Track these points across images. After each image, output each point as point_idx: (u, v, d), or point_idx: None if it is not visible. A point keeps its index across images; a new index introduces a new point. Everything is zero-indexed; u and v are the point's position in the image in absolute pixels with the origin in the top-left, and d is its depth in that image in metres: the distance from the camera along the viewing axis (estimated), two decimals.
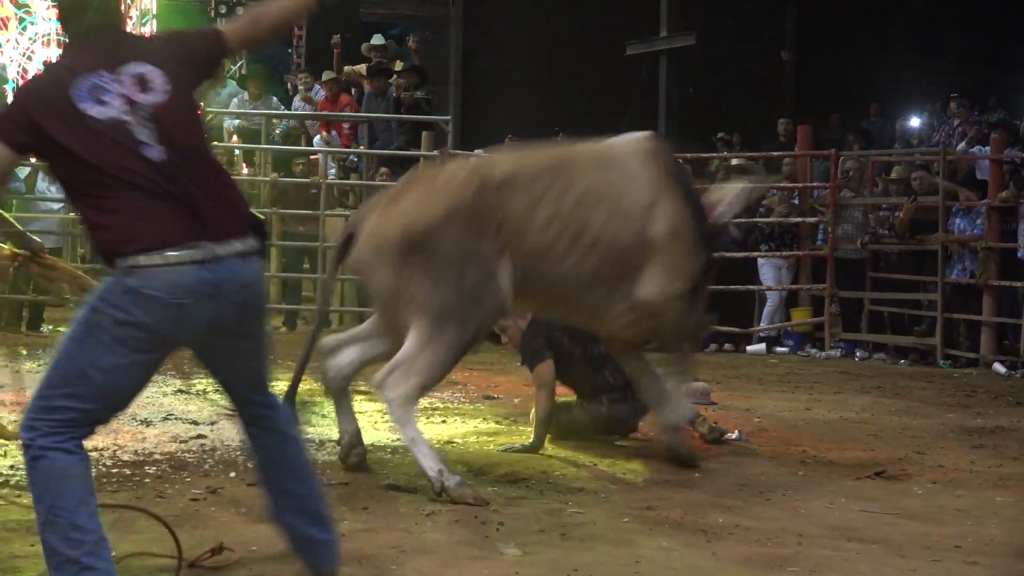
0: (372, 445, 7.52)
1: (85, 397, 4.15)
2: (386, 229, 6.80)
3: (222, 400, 4.80)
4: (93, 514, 4.15)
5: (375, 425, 8.25)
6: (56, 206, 14.72)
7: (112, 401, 4.26)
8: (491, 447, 7.79)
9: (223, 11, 21.22)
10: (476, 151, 15.61)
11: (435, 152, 14.84)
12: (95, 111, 4.16)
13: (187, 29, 4.65)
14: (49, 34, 19.66)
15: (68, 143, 4.13)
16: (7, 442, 7.15)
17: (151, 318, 4.12)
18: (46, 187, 14.93)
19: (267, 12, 4.57)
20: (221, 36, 4.49)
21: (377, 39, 17.95)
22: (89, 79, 4.18)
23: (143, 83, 4.22)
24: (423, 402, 9.36)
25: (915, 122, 19.78)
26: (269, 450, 4.59)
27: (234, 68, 20.32)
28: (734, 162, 15.96)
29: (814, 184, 15.56)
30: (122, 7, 4.49)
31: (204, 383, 8.88)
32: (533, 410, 7.81)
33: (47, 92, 4.23)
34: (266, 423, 4.58)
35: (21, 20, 19.60)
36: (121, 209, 4.15)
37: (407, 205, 6.88)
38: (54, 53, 19.37)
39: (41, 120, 4.15)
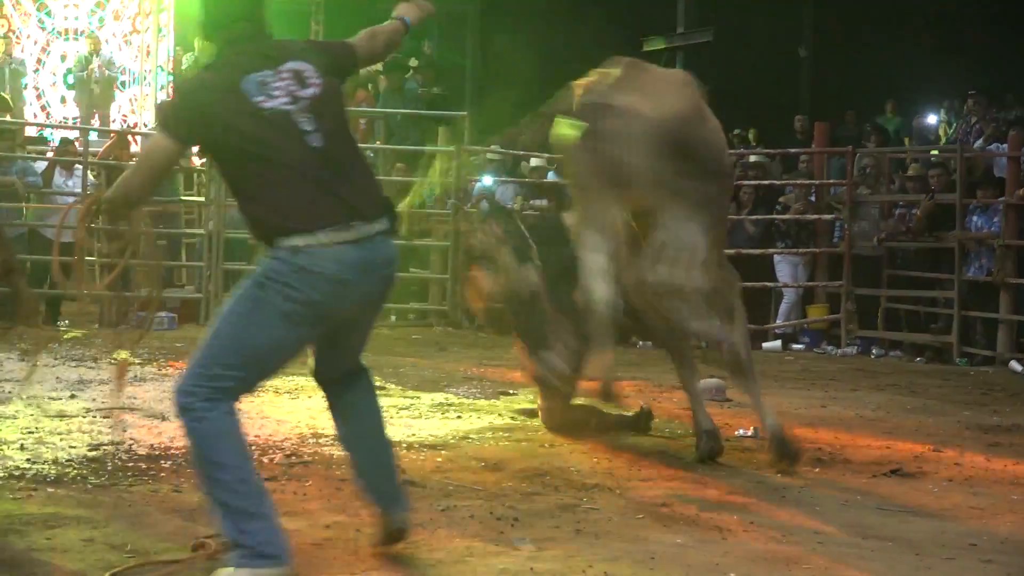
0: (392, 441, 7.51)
1: (245, 367, 4.58)
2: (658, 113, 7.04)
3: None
4: (254, 468, 4.65)
5: (390, 420, 8.24)
6: (72, 199, 14.73)
7: (266, 373, 4.74)
8: (506, 443, 7.79)
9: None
10: (492, 146, 15.65)
11: (451, 148, 14.84)
12: (265, 103, 4.59)
13: (325, 40, 5.10)
14: (66, 30, 19.74)
15: (240, 131, 4.55)
16: (23, 434, 7.19)
17: (318, 294, 4.55)
18: (63, 182, 14.97)
19: (381, 30, 5.25)
20: (353, 48, 5.08)
21: None
22: (255, 76, 4.62)
23: (300, 78, 4.69)
24: (439, 397, 9.40)
25: (932, 119, 19.75)
26: (359, 409, 5.13)
27: None
28: (752, 159, 15.95)
29: (831, 181, 15.54)
30: (267, 17, 4.93)
31: None
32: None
33: (214, 86, 4.66)
34: (361, 384, 5.13)
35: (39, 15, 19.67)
36: (287, 193, 4.57)
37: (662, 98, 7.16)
38: (70, 47, 19.47)
39: (212, 111, 4.59)
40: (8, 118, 16.31)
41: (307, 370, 5.12)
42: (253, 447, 7.15)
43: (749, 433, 8.24)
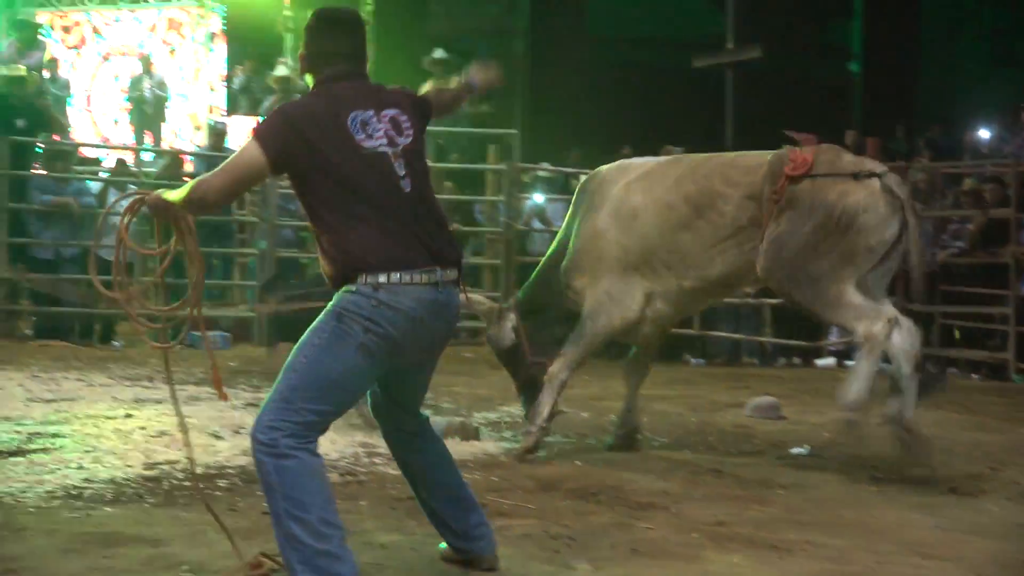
0: None
1: (325, 400, 4.65)
2: None
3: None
4: (336, 510, 4.62)
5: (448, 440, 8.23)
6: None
7: (344, 406, 4.83)
8: (559, 462, 7.77)
9: (291, 26, 21.28)
10: (543, 164, 15.67)
11: (502, 166, 14.85)
12: (366, 142, 4.76)
13: (409, 89, 5.24)
14: (110, 53, 19.93)
15: (338, 164, 4.69)
16: (81, 453, 7.24)
17: (396, 329, 4.67)
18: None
19: (448, 91, 5.56)
20: (430, 104, 5.28)
21: (439, 53, 17.97)
22: (359, 114, 4.79)
23: (398, 125, 4.86)
24: (492, 416, 9.40)
25: (985, 133, 19.61)
26: (427, 454, 5.25)
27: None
28: None
29: None
30: (367, 58, 5.08)
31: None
32: None
33: (320, 115, 4.77)
34: (425, 431, 5.26)
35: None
36: (375, 231, 4.70)
37: None
38: (116, 68, 19.65)
39: (313, 139, 4.70)
40: (61, 139, 16.46)
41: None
42: None
43: (804, 451, 8.19)
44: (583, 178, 9.00)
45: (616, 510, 6.50)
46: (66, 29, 20.45)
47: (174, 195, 4.90)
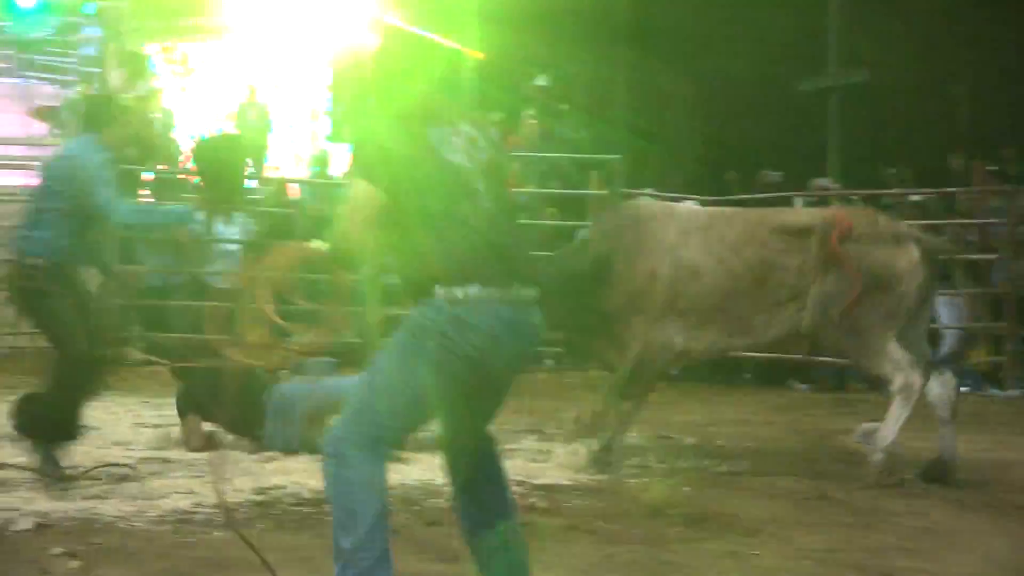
0: (549, 486, 7.54)
1: (397, 417, 4.51)
2: None
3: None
4: (387, 527, 4.49)
5: (554, 468, 8.22)
6: (233, 247, 14.97)
7: (415, 424, 4.69)
8: (666, 488, 7.72)
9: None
10: (646, 190, 15.62)
11: (605, 192, 14.83)
12: (449, 155, 4.64)
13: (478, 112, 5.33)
14: (216, 83, 20.25)
15: (422, 179, 4.56)
16: (190, 479, 7.31)
17: (471, 347, 4.47)
18: (223, 229, 15.21)
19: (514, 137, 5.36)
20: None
21: (541, 80, 18.01)
22: (439, 128, 4.67)
23: (474, 142, 4.73)
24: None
25: None
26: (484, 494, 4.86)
27: None
28: (913, 198, 15.71)
29: (991, 220, 15.23)
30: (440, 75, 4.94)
31: None
32: None
33: (405, 132, 4.64)
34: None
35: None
36: (454, 245, 4.54)
37: None
38: (221, 97, 19.95)
39: (398, 154, 4.57)
40: (170, 168, 16.69)
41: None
42: (415, 490, 7.22)
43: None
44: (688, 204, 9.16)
45: (725, 537, 6.46)
46: (173, 60, 20.77)
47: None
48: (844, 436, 10.10)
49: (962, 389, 13.92)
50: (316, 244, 4.82)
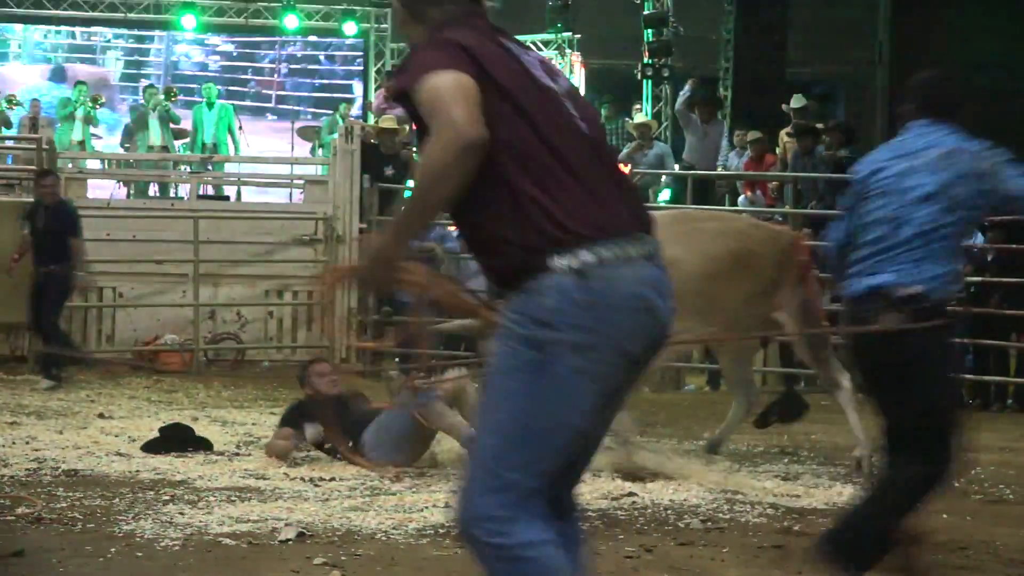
0: (803, 508, 7.44)
1: (547, 458, 3.36)
2: None
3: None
4: None
5: (807, 491, 8.10)
6: None
7: (579, 454, 3.52)
8: (926, 514, 7.54)
9: (649, 73, 21.54)
10: None
11: None
12: (532, 68, 3.50)
13: None
14: None
15: (517, 92, 3.39)
16: (447, 493, 7.42)
17: (619, 331, 3.34)
18: None
19: None
20: None
21: (796, 100, 17.82)
22: (513, 46, 3.54)
23: (551, 70, 3.59)
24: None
25: None
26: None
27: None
28: None
29: None
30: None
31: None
32: None
33: (480, 38, 3.47)
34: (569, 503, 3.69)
35: None
36: (568, 186, 3.37)
37: None
38: None
39: (485, 61, 3.39)
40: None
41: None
42: (668, 511, 7.21)
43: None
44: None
45: (986, 568, 6.29)
46: None
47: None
48: None
49: None
50: None
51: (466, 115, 3.22)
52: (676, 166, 17.57)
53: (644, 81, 21.69)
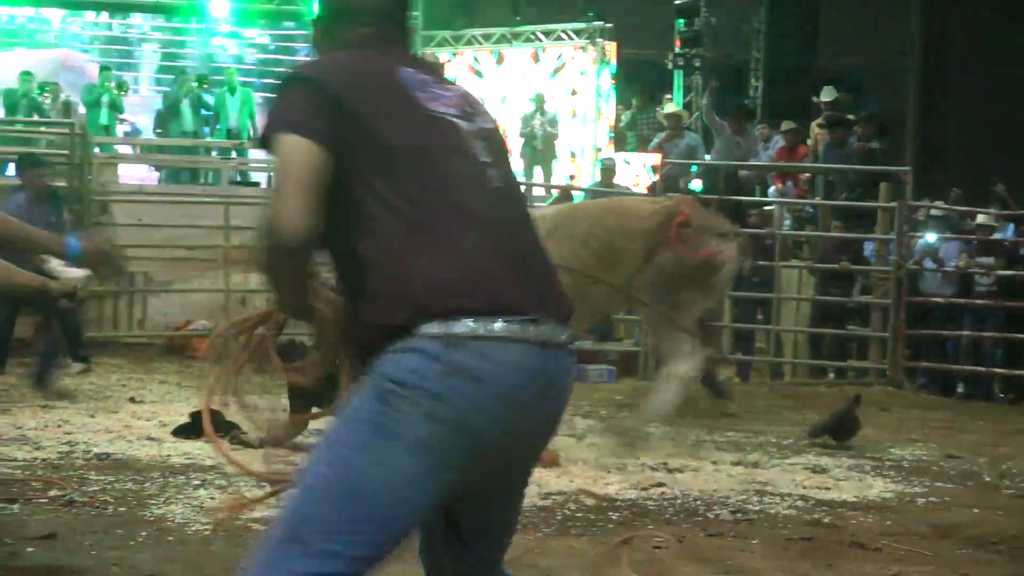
0: (833, 501, 7.44)
1: (366, 535, 2.87)
2: None
3: None
4: None
5: (838, 482, 8.10)
6: None
7: (393, 542, 2.94)
8: (956, 508, 7.53)
9: (680, 63, 21.52)
10: (936, 202, 15.26)
11: (894, 204, 14.54)
12: (431, 103, 3.11)
13: None
14: (503, 92, 20.54)
15: (390, 132, 3.02)
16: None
17: (480, 416, 2.91)
18: None
19: None
20: None
21: (827, 93, 17.77)
22: (414, 74, 3.16)
23: (469, 101, 3.24)
24: (884, 458, 9.18)
25: None
26: None
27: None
28: None
29: None
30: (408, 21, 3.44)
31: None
32: None
33: (360, 68, 3.16)
34: None
35: None
36: (452, 242, 2.97)
37: None
38: (509, 106, 20.22)
39: (350, 100, 3.03)
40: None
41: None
42: (697, 501, 7.21)
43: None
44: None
45: (1018, 561, 6.27)
46: (466, 68, 21.18)
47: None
48: None
49: None
50: None
51: (293, 212, 2.93)
52: (707, 156, 17.52)
53: (675, 71, 21.68)
